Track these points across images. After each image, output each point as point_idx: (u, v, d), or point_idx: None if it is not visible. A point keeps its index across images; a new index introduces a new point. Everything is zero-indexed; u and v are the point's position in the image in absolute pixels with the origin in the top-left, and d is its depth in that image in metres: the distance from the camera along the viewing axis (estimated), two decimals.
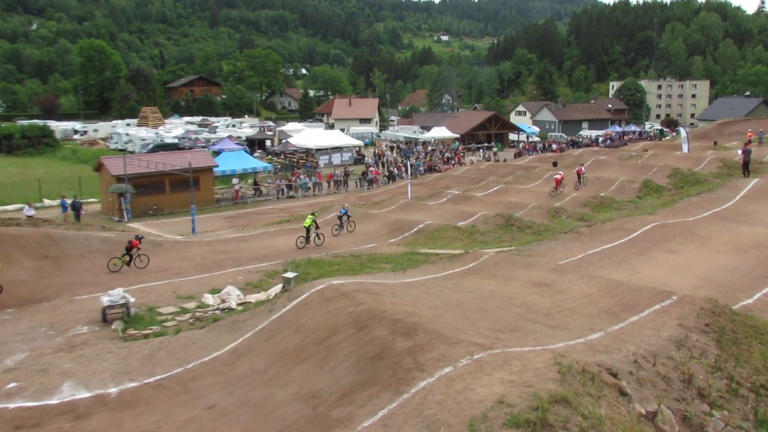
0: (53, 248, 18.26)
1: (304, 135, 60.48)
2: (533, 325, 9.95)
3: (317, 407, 8.15)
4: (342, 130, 71.27)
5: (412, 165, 44.56)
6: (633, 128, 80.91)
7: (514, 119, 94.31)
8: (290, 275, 14.77)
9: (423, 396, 7.12)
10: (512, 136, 76.11)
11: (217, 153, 46.22)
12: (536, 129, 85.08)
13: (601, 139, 68.14)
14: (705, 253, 15.83)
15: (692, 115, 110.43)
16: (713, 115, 78.15)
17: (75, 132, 77.22)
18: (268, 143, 62.49)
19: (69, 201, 30.69)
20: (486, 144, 66.88)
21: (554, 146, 63.41)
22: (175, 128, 74.14)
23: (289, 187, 40.84)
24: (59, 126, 77.52)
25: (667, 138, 66.17)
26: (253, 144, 60.51)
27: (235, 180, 39.89)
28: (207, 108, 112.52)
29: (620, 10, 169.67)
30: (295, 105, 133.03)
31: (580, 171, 31.48)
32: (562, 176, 30.30)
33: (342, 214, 23.30)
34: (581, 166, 32.48)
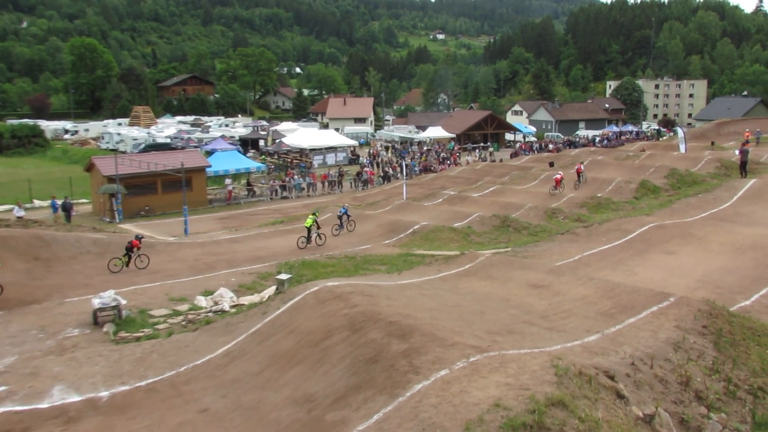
0: (44, 250, 18.10)
1: (298, 135, 60.36)
2: (530, 327, 9.91)
3: (311, 411, 8.08)
4: (336, 130, 71.13)
5: (408, 165, 44.36)
6: (630, 128, 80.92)
7: (511, 119, 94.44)
8: (284, 277, 14.67)
9: (418, 399, 7.07)
10: (509, 136, 76.19)
11: (210, 153, 46.01)
12: (533, 129, 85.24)
13: (598, 139, 68.13)
14: (702, 255, 15.84)
15: (689, 115, 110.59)
16: (711, 115, 78.41)
17: (66, 132, 76.76)
18: (262, 143, 62.38)
19: (60, 202, 30.51)
20: (482, 144, 66.77)
21: (551, 146, 63.39)
22: (168, 128, 73.83)
23: (283, 188, 40.65)
24: (50, 125, 77.14)
25: (665, 138, 66.33)
26: (247, 144, 60.33)
27: (228, 180, 39.63)
28: (200, 107, 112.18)
29: (618, 9, 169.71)
30: (289, 104, 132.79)
31: (580, 170, 31.52)
32: (562, 176, 30.32)
33: (342, 214, 23.30)
34: (580, 165, 32.50)
